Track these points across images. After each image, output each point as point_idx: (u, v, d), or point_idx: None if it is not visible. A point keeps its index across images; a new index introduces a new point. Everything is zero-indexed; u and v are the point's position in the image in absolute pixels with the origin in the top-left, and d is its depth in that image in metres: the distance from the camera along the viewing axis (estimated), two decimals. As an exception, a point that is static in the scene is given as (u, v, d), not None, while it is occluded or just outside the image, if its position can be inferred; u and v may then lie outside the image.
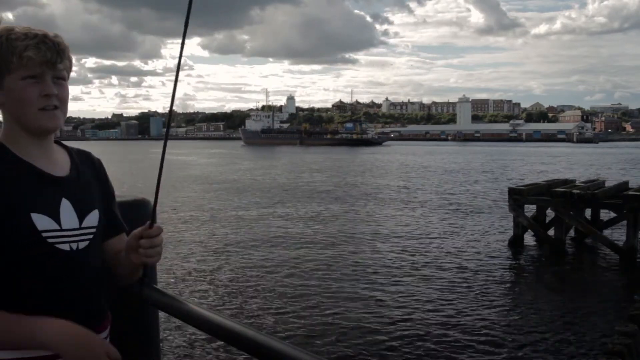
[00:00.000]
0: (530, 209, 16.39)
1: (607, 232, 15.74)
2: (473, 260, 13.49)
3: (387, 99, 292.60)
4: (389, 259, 13.47)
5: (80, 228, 1.37)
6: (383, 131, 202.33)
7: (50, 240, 1.30)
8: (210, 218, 19.51)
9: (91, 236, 1.39)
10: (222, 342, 1.42)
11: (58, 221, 1.32)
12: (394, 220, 19.45)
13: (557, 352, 8.09)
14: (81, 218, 1.37)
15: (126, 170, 40.87)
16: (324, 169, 45.80)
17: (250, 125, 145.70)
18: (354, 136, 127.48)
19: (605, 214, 16.50)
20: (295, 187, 30.32)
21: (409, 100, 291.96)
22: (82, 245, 1.36)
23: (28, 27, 1.34)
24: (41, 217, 1.29)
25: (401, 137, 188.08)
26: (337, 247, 14.65)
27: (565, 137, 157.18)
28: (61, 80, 1.36)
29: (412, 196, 26.60)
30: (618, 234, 15.36)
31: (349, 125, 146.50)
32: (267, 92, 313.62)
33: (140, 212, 1.83)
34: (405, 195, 27.17)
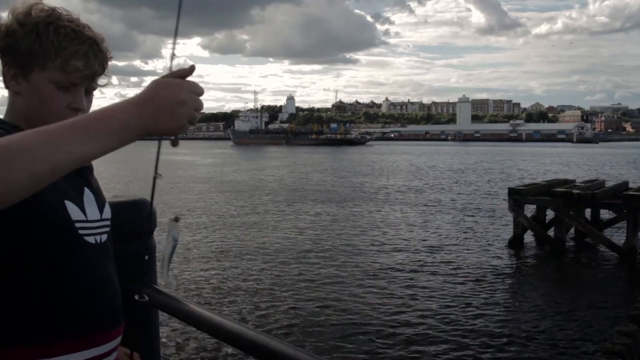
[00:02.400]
0: (530, 209, 16.39)
1: (607, 232, 15.75)
2: (473, 260, 13.49)
3: (387, 99, 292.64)
4: (388, 258, 13.46)
5: (101, 220, 1.26)
6: (383, 131, 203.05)
7: (80, 232, 1.17)
8: (218, 219, 19.50)
9: (108, 228, 1.29)
10: (222, 342, 1.40)
11: (84, 211, 1.20)
12: (393, 219, 19.44)
13: (557, 351, 8.09)
14: (100, 209, 1.27)
15: (130, 172, 40.80)
16: (324, 169, 45.79)
17: (239, 125, 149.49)
18: (338, 136, 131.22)
19: (606, 214, 16.51)
20: (297, 188, 30.31)
21: (409, 100, 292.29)
22: (103, 238, 1.25)
23: (75, 17, 1.18)
24: (72, 205, 1.16)
25: (401, 137, 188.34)
26: (337, 247, 14.63)
27: (565, 137, 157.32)
28: (91, 92, 1.23)
29: (410, 196, 26.60)
30: (618, 234, 15.36)
31: (333, 125, 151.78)
32: (255, 93, 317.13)
33: (141, 213, 1.83)
34: (403, 195, 27.17)
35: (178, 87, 0.86)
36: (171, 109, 0.85)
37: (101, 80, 1.23)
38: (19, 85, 1.16)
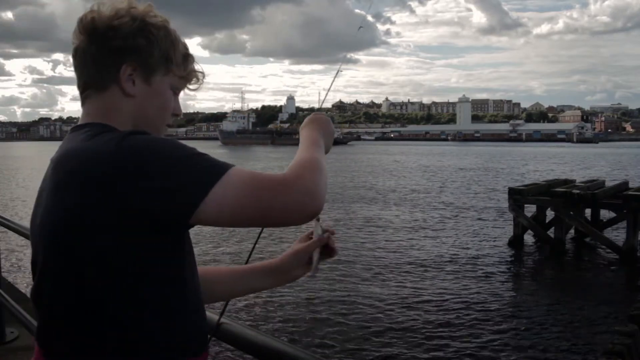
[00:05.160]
0: (530, 209, 16.38)
1: (607, 232, 15.74)
2: (472, 260, 13.49)
3: (387, 99, 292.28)
4: (388, 258, 13.47)
5: None
6: (383, 131, 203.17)
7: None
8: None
9: None
10: (223, 343, 1.39)
11: None
12: (394, 220, 19.44)
13: (557, 352, 8.09)
14: None
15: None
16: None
17: (227, 126, 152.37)
18: None
19: (606, 214, 16.51)
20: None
21: (409, 100, 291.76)
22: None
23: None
24: None
25: (401, 137, 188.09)
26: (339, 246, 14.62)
27: (565, 137, 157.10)
28: None
29: (409, 196, 26.60)
30: (618, 234, 15.36)
31: None
32: (242, 93, 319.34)
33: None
34: (401, 195, 27.17)
35: (328, 121, 1.26)
36: (331, 134, 1.26)
37: (192, 85, 1.21)
38: (134, 88, 1.08)
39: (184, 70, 1.14)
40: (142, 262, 0.97)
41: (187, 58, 1.15)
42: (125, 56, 1.06)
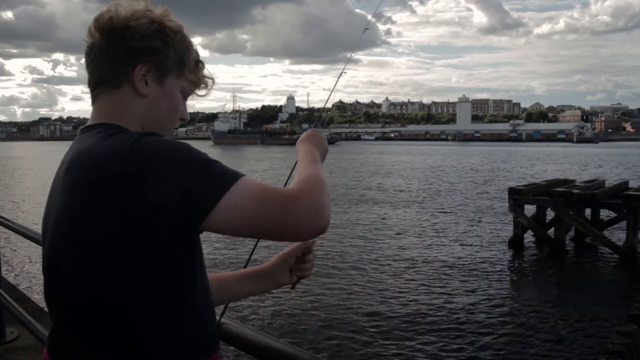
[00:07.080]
0: (530, 209, 16.38)
1: (607, 232, 15.74)
2: (473, 260, 13.49)
3: (387, 99, 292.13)
4: (389, 258, 13.47)
5: None
6: (383, 131, 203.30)
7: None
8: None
9: None
10: (223, 343, 1.39)
11: None
12: (394, 219, 19.45)
13: (557, 352, 8.09)
14: None
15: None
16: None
17: (219, 126, 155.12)
18: None
19: (606, 214, 16.51)
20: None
21: (409, 100, 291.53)
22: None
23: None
24: None
25: (401, 137, 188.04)
26: (335, 247, 14.65)
27: (565, 137, 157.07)
28: None
29: (407, 195, 26.61)
30: (618, 234, 15.36)
31: (305, 126, 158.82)
32: (234, 93, 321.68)
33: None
34: (401, 195, 27.18)
35: (324, 139, 1.32)
36: (326, 151, 1.30)
37: (201, 91, 1.23)
38: (147, 88, 1.09)
39: (195, 76, 1.16)
40: (154, 264, 0.98)
41: (199, 64, 1.17)
42: (141, 56, 1.08)
